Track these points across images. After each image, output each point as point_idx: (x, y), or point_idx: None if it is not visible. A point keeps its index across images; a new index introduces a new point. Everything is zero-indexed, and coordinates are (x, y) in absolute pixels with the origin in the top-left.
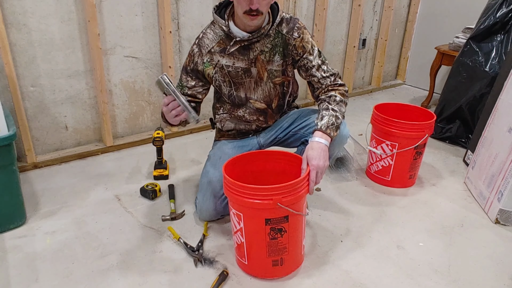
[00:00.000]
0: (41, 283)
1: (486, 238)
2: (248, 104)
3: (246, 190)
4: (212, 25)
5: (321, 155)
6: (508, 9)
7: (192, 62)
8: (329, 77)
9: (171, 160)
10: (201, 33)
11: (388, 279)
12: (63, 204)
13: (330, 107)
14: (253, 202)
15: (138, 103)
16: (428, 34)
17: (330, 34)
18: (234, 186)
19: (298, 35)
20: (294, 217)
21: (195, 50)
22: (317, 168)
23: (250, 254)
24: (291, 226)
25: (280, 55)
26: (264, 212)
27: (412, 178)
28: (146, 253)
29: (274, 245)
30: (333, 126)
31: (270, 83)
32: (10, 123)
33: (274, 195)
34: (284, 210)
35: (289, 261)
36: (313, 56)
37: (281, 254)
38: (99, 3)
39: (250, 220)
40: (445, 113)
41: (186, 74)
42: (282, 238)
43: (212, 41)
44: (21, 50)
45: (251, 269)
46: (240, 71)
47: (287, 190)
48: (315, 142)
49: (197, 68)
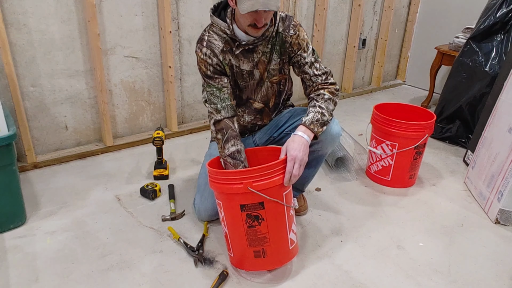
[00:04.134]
0: (41, 283)
1: (486, 238)
2: (248, 104)
3: (220, 175)
4: (214, 27)
5: (300, 147)
6: (508, 9)
7: (209, 64)
8: (321, 75)
9: (171, 160)
10: (205, 36)
11: (388, 279)
12: (63, 204)
13: (317, 104)
14: (226, 187)
15: (138, 103)
16: (428, 34)
17: (330, 34)
18: (212, 174)
19: (294, 32)
20: (271, 204)
21: (207, 52)
22: (295, 158)
23: (233, 244)
24: (269, 214)
25: (278, 54)
26: (238, 197)
27: (412, 178)
28: (146, 253)
29: (253, 234)
30: (318, 122)
31: (268, 82)
32: (10, 123)
33: (244, 178)
34: (258, 196)
35: (272, 253)
36: (307, 53)
37: (262, 244)
38: (99, 3)
39: (227, 207)
40: (445, 113)
41: (210, 78)
42: (260, 227)
43: (219, 41)
44: (21, 50)
45: (236, 262)
46: (245, 74)
47: (257, 174)
48: (297, 136)
49: (217, 68)
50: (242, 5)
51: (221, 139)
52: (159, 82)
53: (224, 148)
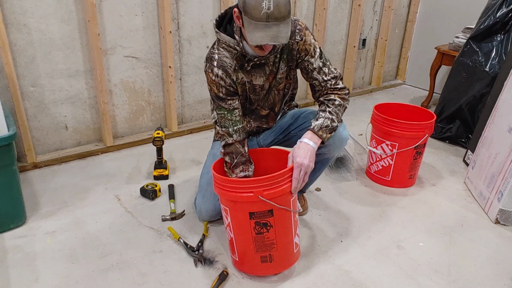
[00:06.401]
0: (41, 283)
1: (486, 238)
2: (255, 112)
3: (229, 183)
4: (222, 44)
5: (307, 155)
6: (508, 9)
7: (222, 86)
8: (330, 80)
9: (171, 160)
10: (215, 54)
11: (388, 279)
12: (63, 204)
13: (328, 110)
14: (236, 195)
15: (138, 103)
16: (428, 34)
17: (330, 34)
18: (219, 181)
19: (300, 38)
20: (279, 211)
21: (218, 72)
22: (301, 166)
23: (239, 250)
24: (277, 221)
25: (285, 62)
26: (247, 205)
27: (412, 178)
28: (146, 253)
29: (261, 240)
30: (327, 128)
31: (274, 90)
32: (10, 123)
33: (255, 187)
34: (267, 204)
35: (279, 258)
36: (314, 58)
37: (269, 250)
38: (99, 3)
39: (235, 214)
40: (445, 113)
41: (222, 100)
42: (269, 233)
43: (231, 59)
44: (21, 50)
45: (241, 266)
46: (258, 88)
47: (267, 183)
48: (303, 143)
49: (230, 89)
50: (251, 35)
51: (230, 162)
52: (159, 82)
53: (232, 171)
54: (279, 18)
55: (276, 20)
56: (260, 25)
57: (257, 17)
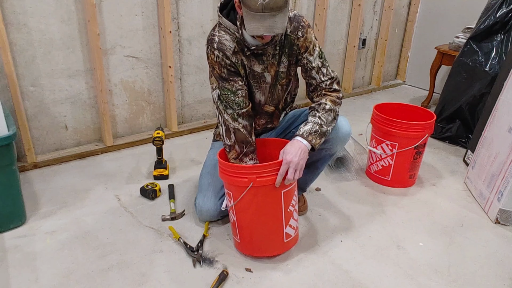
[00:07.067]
0: (41, 283)
1: (486, 238)
2: (261, 108)
3: (229, 168)
4: (223, 27)
5: (297, 152)
6: (508, 9)
7: (223, 66)
8: (327, 81)
9: (171, 160)
10: (215, 37)
11: (388, 279)
12: (63, 204)
13: (317, 115)
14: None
15: (138, 103)
16: (428, 34)
17: (330, 34)
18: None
19: (302, 35)
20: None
21: (219, 54)
22: (289, 163)
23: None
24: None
25: (286, 56)
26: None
27: (412, 178)
28: (146, 253)
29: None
30: (316, 133)
31: (278, 85)
32: (10, 123)
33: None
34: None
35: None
36: (313, 56)
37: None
38: (99, 3)
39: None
40: (445, 113)
41: (225, 80)
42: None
43: (231, 42)
44: (21, 50)
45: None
46: (257, 75)
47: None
48: (296, 140)
49: (231, 69)
50: (247, 25)
51: (239, 151)
52: (159, 82)
53: (241, 160)
54: (275, 8)
55: (272, 10)
56: (256, 15)
57: (254, 7)
